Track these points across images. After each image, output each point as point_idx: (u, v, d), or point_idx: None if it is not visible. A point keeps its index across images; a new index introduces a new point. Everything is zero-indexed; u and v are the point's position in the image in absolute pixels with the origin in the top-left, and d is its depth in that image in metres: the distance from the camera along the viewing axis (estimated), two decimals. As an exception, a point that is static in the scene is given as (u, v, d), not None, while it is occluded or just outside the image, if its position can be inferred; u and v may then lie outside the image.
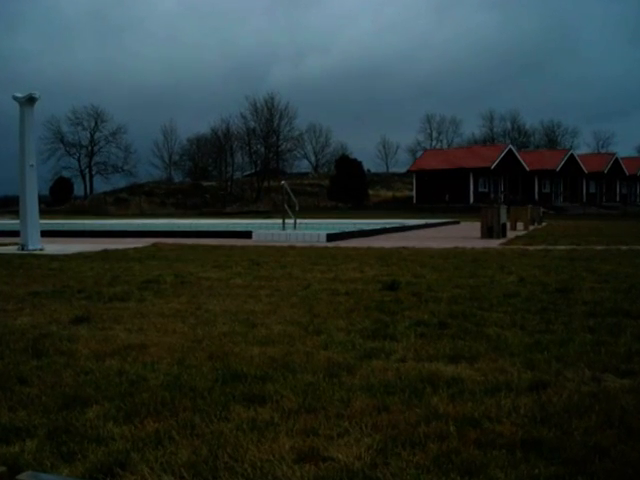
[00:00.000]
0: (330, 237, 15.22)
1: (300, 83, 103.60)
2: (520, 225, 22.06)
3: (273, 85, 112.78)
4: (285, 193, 18.84)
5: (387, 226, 21.18)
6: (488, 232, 16.59)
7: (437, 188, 58.10)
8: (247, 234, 16.43)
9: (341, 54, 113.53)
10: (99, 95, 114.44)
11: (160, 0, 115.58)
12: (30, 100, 11.98)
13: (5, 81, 68.94)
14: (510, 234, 17.88)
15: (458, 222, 29.97)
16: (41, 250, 11.70)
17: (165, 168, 79.26)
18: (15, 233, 13.47)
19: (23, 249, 11.74)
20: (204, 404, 2.98)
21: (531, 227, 22.95)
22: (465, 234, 18.74)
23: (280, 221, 18.30)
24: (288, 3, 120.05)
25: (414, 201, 60.30)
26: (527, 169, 59.45)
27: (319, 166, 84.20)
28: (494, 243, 14.23)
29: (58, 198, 62.46)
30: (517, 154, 60.56)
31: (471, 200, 56.13)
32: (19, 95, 11.96)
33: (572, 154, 64.29)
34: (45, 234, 13.35)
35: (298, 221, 18.53)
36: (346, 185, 58.14)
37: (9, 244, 13.13)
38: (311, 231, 16.49)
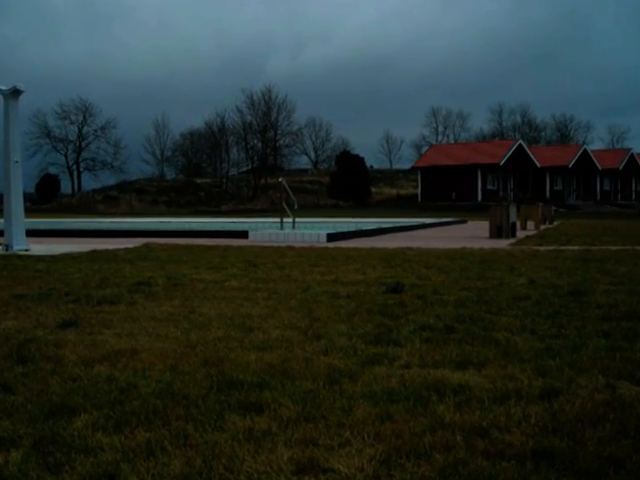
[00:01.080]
0: (330, 237, 15.22)
1: (299, 75, 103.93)
2: (531, 224, 22.10)
3: (271, 77, 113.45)
4: (283, 191, 18.84)
5: (390, 225, 21.19)
6: (497, 232, 16.61)
7: (443, 185, 58.13)
8: (243, 234, 16.43)
9: (342, 44, 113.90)
10: (87, 88, 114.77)
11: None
12: (15, 93, 11.98)
13: (-12, 73, 68.99)
14: (520, 234, 17.90)
15: (465, 221, 30.03)
16: (26, 250, 11.70)
17: (157, 164, 79.54)
18: (-1, 233, 13.46)
19: (7, 249, 11.74)
20: (198, 413, 2.98)
21: (542, 226, 22.96)
22: (473, 234, 18.76)
23: (278, 220, 18.30)
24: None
25: (419, 199, 60.33)
26: (538, 165, 59.50)
27: (319, 162, 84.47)
28: (503, 243, 14.24)
29: (44, 196, 62.49)
30: (527, 150, 60.62)
31: (479, 198, 56.16)
32: (3, 87, 11.95)
33: (585, 149, 64.41)
34: (31, 234, 13.35)
35: (297, 220, 18.55)
36: (347, 182, 58.18)
37: (-7, 244, 13.13)
38: (310, 231, 16.51)
